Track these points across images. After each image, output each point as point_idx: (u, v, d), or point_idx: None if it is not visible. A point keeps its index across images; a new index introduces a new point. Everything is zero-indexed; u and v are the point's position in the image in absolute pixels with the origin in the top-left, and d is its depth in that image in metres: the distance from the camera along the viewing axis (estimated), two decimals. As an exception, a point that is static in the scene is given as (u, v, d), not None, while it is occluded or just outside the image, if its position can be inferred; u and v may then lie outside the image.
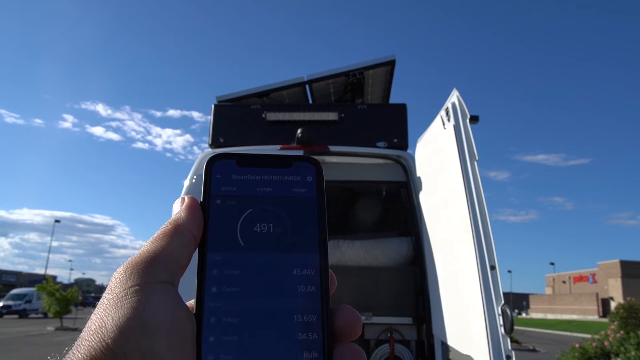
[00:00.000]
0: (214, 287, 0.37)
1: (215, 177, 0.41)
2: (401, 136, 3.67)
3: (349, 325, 0.38)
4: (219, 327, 0.36)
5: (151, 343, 0.32)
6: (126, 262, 0.37)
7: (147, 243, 0.38)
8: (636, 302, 10.99)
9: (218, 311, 0.36)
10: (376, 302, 3.36)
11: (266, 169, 0.42)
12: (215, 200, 0.40)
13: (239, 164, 0.42)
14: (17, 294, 31.38)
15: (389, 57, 4.25)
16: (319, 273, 0.39)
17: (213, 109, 3.89)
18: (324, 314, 0.38)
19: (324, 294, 0.38)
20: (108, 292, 0.35)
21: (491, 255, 2.12)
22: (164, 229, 0.39)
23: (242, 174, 0.41)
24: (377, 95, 4.87)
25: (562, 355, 10.20)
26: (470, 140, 2.39)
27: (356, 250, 3.62)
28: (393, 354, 3.30)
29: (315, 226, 0.40)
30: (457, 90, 2.56)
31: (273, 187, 0.41)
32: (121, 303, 0.33)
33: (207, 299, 0.36)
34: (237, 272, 0.38)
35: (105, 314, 0.33)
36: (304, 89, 4.50)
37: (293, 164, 0.42)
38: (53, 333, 19.25)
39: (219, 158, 0.42)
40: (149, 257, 0.36)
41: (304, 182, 0.42)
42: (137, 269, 0.35)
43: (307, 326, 0.37)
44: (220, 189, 0.40)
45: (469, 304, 2.20)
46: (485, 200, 2.24)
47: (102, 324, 0.33)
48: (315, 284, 0.39)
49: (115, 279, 0.36)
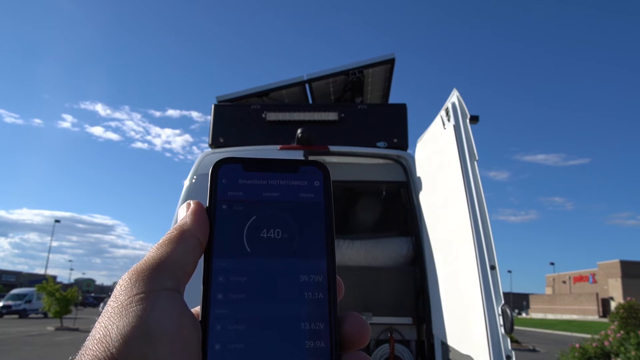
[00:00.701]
0: (220, 294, 0.36)
1: (222, 182, 0.40)
2: (401, 136, 3.67)
3: (357, 333, 0.38)
4: (225, 334, 0.35)
5: (156, 352, 0.32)
6: (131, 268, 0.36)
7: (152, 249, 0.37)
8: (636, 302, 10.99)
9: (224, 318, 0.36)
10: (376, 302, 3.36)
11: (273, 174, 0.41)
12: (222, 206, 0.39)
13: (245, 168, 0.41)
14: (17, 294, 31.37)
15: (388, 55, 4.25)
16: (326, 279, 0.38)
17: (213, 109, 3.89)
18: (332, 322, 0.37)
19: (332, 301, 0.38)
20: (112, 299, 0.35)
21: (491, 255, 2.12)
22: (170, 234, 0.38)
23: (249, 178, 0.41)
24: (377, 94, 4.87)
25: (562, 355, 10.20)
26: (470, 140, 2.39)
27: (356, 250, 3.62)
28: (393, 354, 3.30)
29: (322, 232, 0.40)
30: (457, 90, 2.56)
31: (280, 192, 0.41)
32: (126, 311, 0.33)
33: (213, 305, 0.36)
34: (243, 279, 0.37)
35: (109, 323, 0.33)
36: (303, 88, 4.50)
37: (300, 169, 0.42)
38: (53, 333, 19.24)
39: (225, 162, 0.41)
40: (154, 263, 0.36)
41: (311, 187, 0.41)
42: (142, 276, 0.35)
43: (314, 334, 0.36)
44: (226, 194, 0.40)
45: (469, 304, 2.20)
46: (485, 200, 2.24)
47: (106, 332, 0.33)
48: (323, 290, 0.38)
49: (120, 286, 0.35)
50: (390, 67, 4.38)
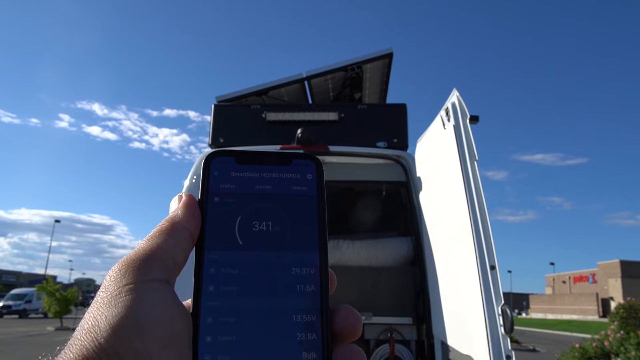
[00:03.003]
0: (211, 286, 0.36)
1: (214, 174, 0.40)
2: (401, 136, 3.68)
3: (349, 326, 0.37)
4: (216, 326, 0.35)
5: (145, 342, 0.31)
6: (121, 260, 0.36)
7: (143, 241, 0.37)
8: (636, 302, 10.99)
9: (215, 310, 0.36)
10: (376, 302, 3.36)
11: (265, 167, 0.41)
12: (214, 198, 0.39)
13: (237, 161, 0.41)
14: (17, 294, 31.40)
15: (386, 50, 4.25)
16: (318, 272, 0.38)
17: (213, 109, 3.89)
18: (324, 314, 0.37)
19: (324, 294, 0.38)
20: (102, 290, 0.34)
21: (491, 255, 2.12)
22: (161, 226, 0.38)
23: (241, 171, 0.40)
24: (375, 89, 4.87)
25: (562, 355, 10.21)
26: (470, 141, 2.39)
27: (356, 250, 3.62)
28: (393, 354, 3.30)
29: (315, 225, 0.40)
30: (457, 90, 2.56)
31: (272, 185, 0.40)
32: (115, 301, 0.33)
33: (204, 298, 0.36)
34: (235, 271, 0.37)
35: (98, 313, 0.33)
36: (302, 86, 4.50)
37: (293, 162, 0.42)
38: (53, 333, 19.24)
39: (218, 155, 0.41)
40: (144, 255, 0.36)
41: (304, 180, 0.41)
42: (132, 267, 0.35)
43: (306, 326, 0.36)
44: (218, 186, 0.40)
45: (469, 304, 2.19)
46: (485, 200, 2.24)
47: (95, 322, 0.32)
48: (315, 283, 0.38)
49: (109, 277, 0.35)
50: (388, 62, 4.38)
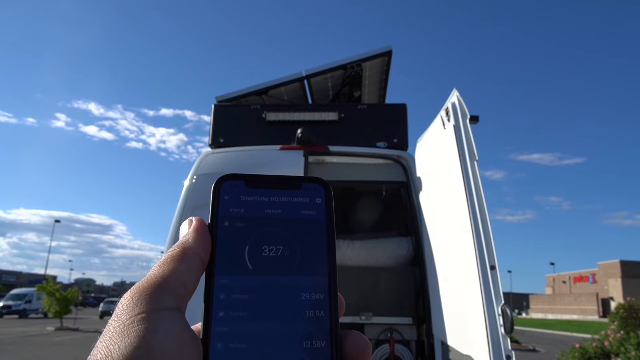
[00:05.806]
0: (222, 312, 0.36)
1: (224, 198, 0.40)
2: (401, 136, 3.67)
3: (358, 351, 0.37)
4: (226, 353, 0.35)
5: None
6: (133, 287, 0.36)
7: (154, 267, 0.38)
8: (636, 302, 10.97)
9: (225, 336, 0.36)
10: (376, 302, 3.36)
11: (275, 190, 0.41)
12: (224, 222, 0.39)
13: (247, 185, 0.41)
14: (17, 294, 31.41)
15: (385, 47, 4.25)
16: (327, 298, 0.38)
17: (213, 109, 3.89)
18: (333, 340, 0.37)
19: (333, 319, 0.38)
20: (114, 319, 0.35)
21: (491, 255, 2.12)
22: (172, 252, 0.38)
23: (251, 195, 0.41)
24: (375, 87, 4.87)
25: (562, 355, 10.20)
26: (470, 141, 2.39)
27: (356, 250, 3.62)
28: (393, 354, 3.30)
29: (324, 249, 0.40)
30: (457, 90, 2.56)
31: (282, 209, 0.41)
32: (128, 331, 0.33)
33: (214, 323, 0.36)
34: (244, 296, 0.37)
35: (111, 342, 0.33)
36: (302, 85, 4.50)
37: (302, 185, 0.42)
38: (53, 333, 19.23)
39: (228, 179, 0.41)
40: (156, 282, 0.36)
41: (313, 204, 0.41)
42: (144, 295, 0.35)
43: (315, 352, 0.36)
44: (228, 210, 0.40)
45: (469, 304, 2.19)
46: (485, 200, 2.24)
47: (108, 352, 0.32)
48: (324, 308, 0.38)
49: (122, 304, 0.35)
50: (388, 59, 4.38)
